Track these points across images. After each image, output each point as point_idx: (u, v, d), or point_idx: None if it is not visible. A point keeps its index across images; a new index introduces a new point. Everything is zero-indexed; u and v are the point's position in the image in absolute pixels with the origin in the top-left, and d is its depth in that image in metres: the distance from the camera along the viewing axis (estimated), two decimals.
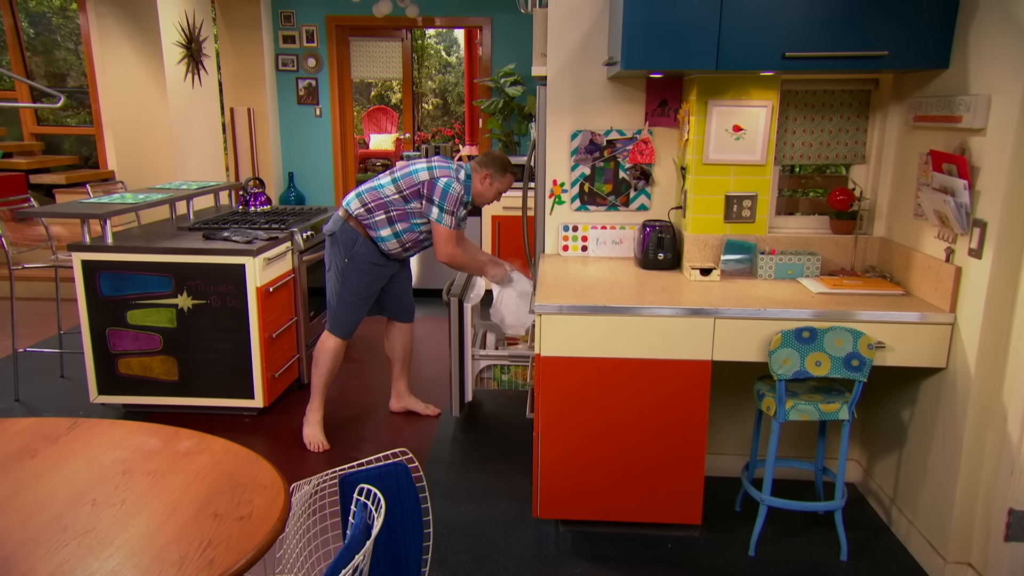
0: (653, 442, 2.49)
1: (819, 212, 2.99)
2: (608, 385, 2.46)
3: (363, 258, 3.27)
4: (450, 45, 12.34)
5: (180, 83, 5.79)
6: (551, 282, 2.69)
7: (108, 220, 3.50)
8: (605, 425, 2.49)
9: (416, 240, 3.29)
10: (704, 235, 2.87)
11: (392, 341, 3.61)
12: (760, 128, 2.76)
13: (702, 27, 2.40)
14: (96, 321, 3.49)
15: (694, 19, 2.40)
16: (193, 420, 3.62)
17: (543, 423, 2.50)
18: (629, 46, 2.44)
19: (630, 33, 2.43)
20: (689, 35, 2.41)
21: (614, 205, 3.21)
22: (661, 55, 2.44)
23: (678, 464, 2.49)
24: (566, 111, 3.13)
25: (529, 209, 3.55)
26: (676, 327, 2.39)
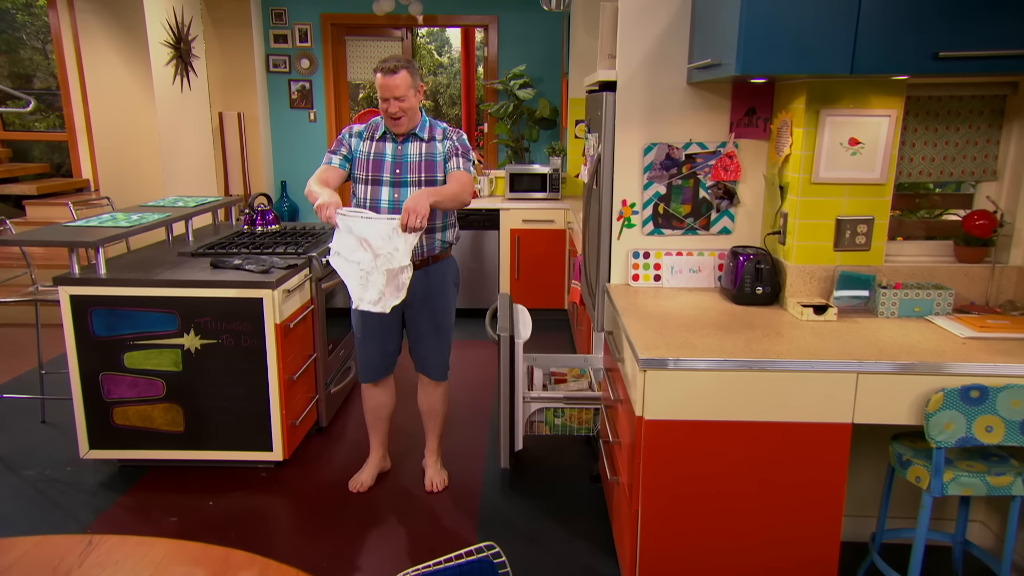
0: (777, 520, 2.09)
1: (933, 236, 2.61)
2: (726, 453, 2.05)
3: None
4: (442, 45, 11.89)
5: (168, 86, 5.30)
6: (638, 323, 2.28)
7: (101, 248, 3.02)
8: (721, 499, 2.08)
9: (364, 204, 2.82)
10: (810, 265, 2.49)
11: (418, 393, 3.15)
12: (881, 141, 2.38)
13: (835, 23, 2.01)
14: (87, 365, 3.02)
15: (826, 13, 2.00)
16: (201, 476, 3.16)
17: (646, 498, 2.09)
18: (746, 46, 2.04)
19: (748, 31, 2.03)
20: (818, 32, 2.02)
21: (692, 228, 2.81)
22: (783, 57, 2.05)
23: (807, 544, 2.10)
24: (638, 121, 2.73)
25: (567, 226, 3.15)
26: (809, 384, 1.99)
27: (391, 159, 2.78)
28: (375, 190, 2.79)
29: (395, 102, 2.68)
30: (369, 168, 2.79)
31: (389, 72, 2.67)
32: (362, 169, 2.80)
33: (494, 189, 5.96)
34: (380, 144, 2.81)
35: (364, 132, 2.85)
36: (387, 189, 2.78)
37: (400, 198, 2.76)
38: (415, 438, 3.50)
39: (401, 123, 2.74)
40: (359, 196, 2.84)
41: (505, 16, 7.07)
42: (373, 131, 2.83)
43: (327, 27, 7.11)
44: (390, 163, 2.78)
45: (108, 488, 3.08)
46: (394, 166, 2.78)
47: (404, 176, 2.77)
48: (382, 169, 2.78)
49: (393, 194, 2.77)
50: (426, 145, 2.80)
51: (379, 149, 2.80)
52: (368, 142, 2.82)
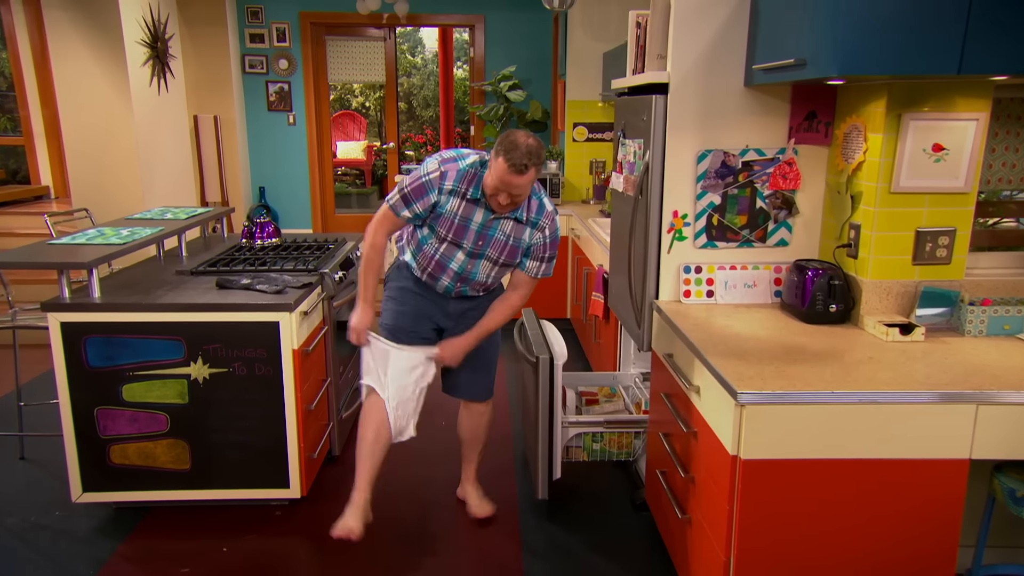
0: (883, 564, 1.88)
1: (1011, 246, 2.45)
2: (830, 494, 1.84)
3: (392, 280, 2.68)
4: (415, 46, 11.58)
5: (145, 88, 4.92)
6: (715, 348, 2.06)
7: (95, 270, 2.69)
8: (823, 544, 1.87)
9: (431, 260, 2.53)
10: (887, 281, 2.29)
11: (460, 417, 2.88)
12: (966, 147, 2.20)
13: (943, 18, 1.81)
14: (81, 399, 2.68)
15: (933, 7, 1.80)
16: (208, 517, 2.84)
17: (742, 544, 1.87)
18: (846, 45, 1.82)
19: (849, 28, 1.81)
20: (925, 29, 1.82)
21: (748, 241, 2.60)
22: (886, 56, 1.84)
23: None
24: (691, 126, 2.51)
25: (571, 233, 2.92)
26: (923, 416, 1.79)
27: (477, 228, 2.45)
28: (449, 250, 2.49)
29: (511, 196, 2.34)
30: (451, 230, 2.45)
31: (518, 171, 2.26)
32: (444, 228, 2.46)
33: None
34: (470, 206, 2.43)
35: (457, 187, 2.42)
36: (462, 255, 2.50)
37: (473, 269, 2.52)
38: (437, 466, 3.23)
39: (506, 211, 2.43)
40: (426, 250, 2.51)
41: (492, 16, 6.82)
42: (467, 187, 2.41)
43: (306, 26, 6.77)
44: (474, 231, 2.46)
45: (105, 535, 2.75)
46: (478, 236, 2.46)
47: (484, 250, 2.49)
48: (464, 235, 2.46)
49: (467, 264, 2.51)
50: (517, 227, 2.48)
51: (467, 212, 2.43)
52: (458, 200, 2.42)
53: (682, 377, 2.21)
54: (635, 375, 3.40)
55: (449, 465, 3.18)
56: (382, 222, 2.50)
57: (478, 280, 2.56)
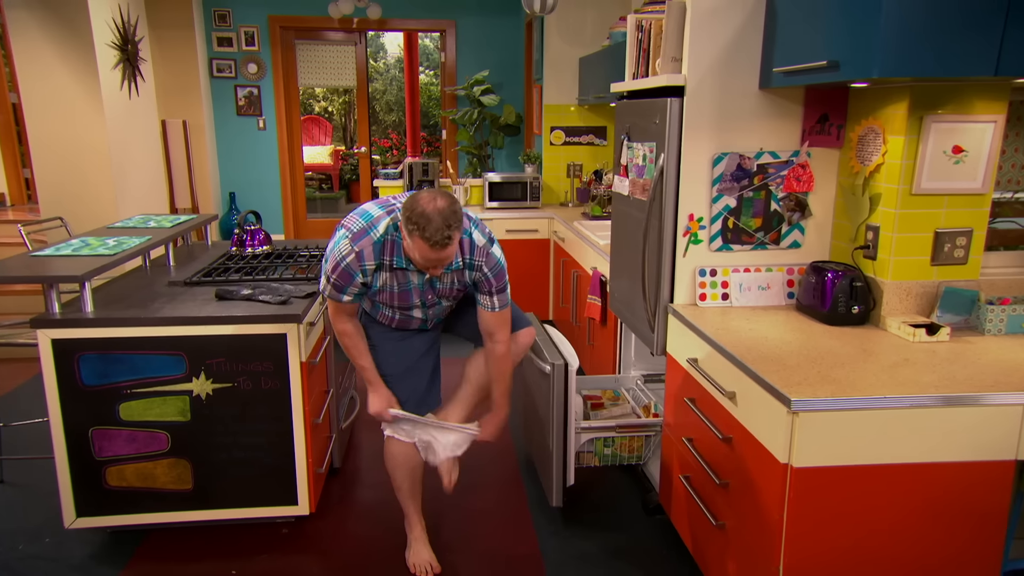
0: (930, 565, 1.83)
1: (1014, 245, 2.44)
2: (880, 499, 1.78)
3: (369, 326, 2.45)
4: (376, 51, 11.34)
5: (116, 92, 4.64)
6: (750, 354, 1.99)
7: (88, 284, 2.48)
8: (872, 549, 1.81)
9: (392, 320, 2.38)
10: (907, 282, 2.26)
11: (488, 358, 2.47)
12: (984, 149, 2.17)
13: (981, 18, 1.77)
14: (74, 419, 2.47)
15: (972, 7, 1.76)
16: (212, 538, 2.66)
17: (791, 554, 1.79)
18: (886, 46, 1.77)
19: (891, 29, 1.76)
20: (963, 29, 1.77)
21: (762, 243, 2.54)
22: (925, 57, 1.79)
23: None
24: (707, 129, 2.43)
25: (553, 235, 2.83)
26: (968, 418, 1.75)
27: (419, 286, 2.26)
28: (405, 314, 2.35)
29: (441, 265, 2.13)
30: (395, 300, 2.28)
31: (441, 247, 2.02)
32: (386, 299, 2.28)
33: (469, 199, 5.57)
34: (401, 273, 2.22)
35: (379, 262, 2.17)
36: (419, 310, 2.35)
37: (435, 315, 2.40)
38: None
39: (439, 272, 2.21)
40: (383, 313, 2.36)
41: (463, 21, 6.69)
42: (389, 258, 2.18)
43: (275, 30, 6.53)
44: (418, 290, 2.27)
45: (102, 562, 2.54)
46: (424, 292, 2.29)
47: (438, 299, 2.34)
48: (409, 298, 2.29)
49: (427, 311, 2.37)
50: (457, 272, 2.27)
51: (401, 279, 2.23)
52: (386, 272, 2.20)
53: (712, 382, 2.13)
54: (636, 377, 3.32)
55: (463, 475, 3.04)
56: (336, 312, 2.29)
57: (444, 310, 2.43)
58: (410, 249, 2.09)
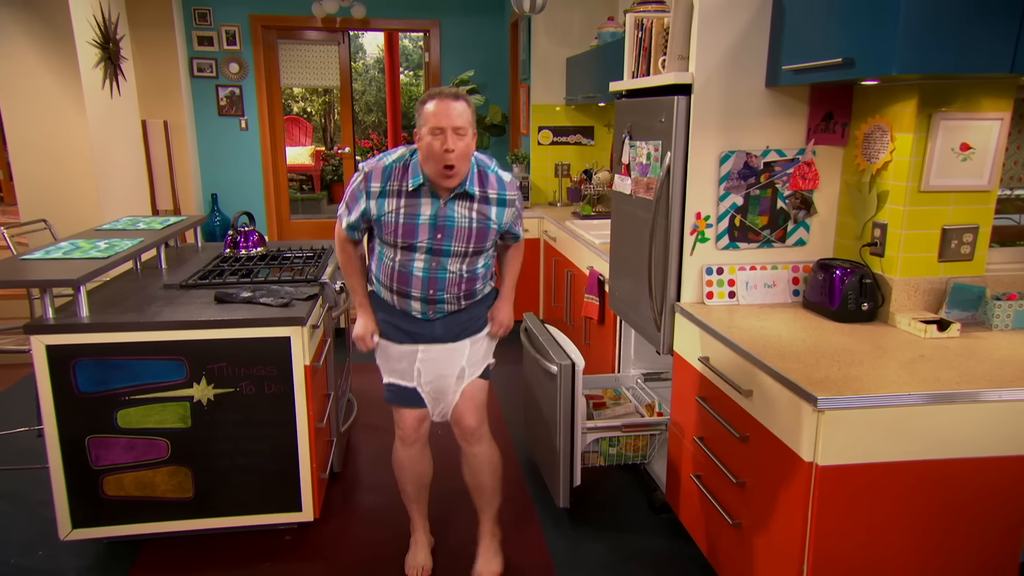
0: (952, 560, 1.82)
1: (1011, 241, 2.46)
2: (904, 496, 1.77)
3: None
4: (355, 52, 11.21)
5: (98, 91, 4.50)
6: (767, 352, 1.97)
7: (83, 288, 2.38)
8: (894, 545, 1.80)
9: (392, 274, 2.17)
10: (915, 278, 2.25)
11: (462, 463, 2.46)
12: (991, 146, 2.17)
13: (997, 14, 1.76)
14: (70, 428, 2.37)
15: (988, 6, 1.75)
16: (212, 547, 2.57)
17: (817, 552, 1.77)
18: (907, 43, 1.75)
19: (910, 26, 1.74)
20: (980, 25, 1.76)
21: (768, 241, 2.53)
22: (944, 54, 1.78)
23: None
24: (714, 128, 2.41)
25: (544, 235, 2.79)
26: (992, 414, 1.74)
27: (430, 221, 2.08)
28: (406, 256, 2.13)
29: (454, 136, 1.95)
30: (399, 233, 2.09)
31: (449, 97, 1.97)
32: (389, 232, 2.10)
33: None
34: (412, 200, 2.07)
35: (387, 186, 2.07)
36: (422, 257, 2.12)
37: (439, 267, 2.13)
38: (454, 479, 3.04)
39: (455, 175, 2.02)
40: (384, 255, 2.17)
41: (447, 21, 6.62)
42: (400, 182, 2.07)
43: (257, 29, 6.40)
44: (428, 226, 2.08)
45: (99, 574, 2.44)
46: (434, 230, 2.09)
47: (447, 244, 2.10)
48: (415, 234, 2.09)
49: (430, 262, 2.12)
50: (477, 206, 2.11)
51: (411, 208, 2.07)
52: (395, 199, 2.07)
53: (727, 381, 2.11)
54: (636, 376, 3.29)
55: None
56: (339, 236, 2.25)
57: (450, 280, 2.15)
58: (423, 136, 1.99)
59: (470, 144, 2.02)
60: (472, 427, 2.30)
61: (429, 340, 2.24)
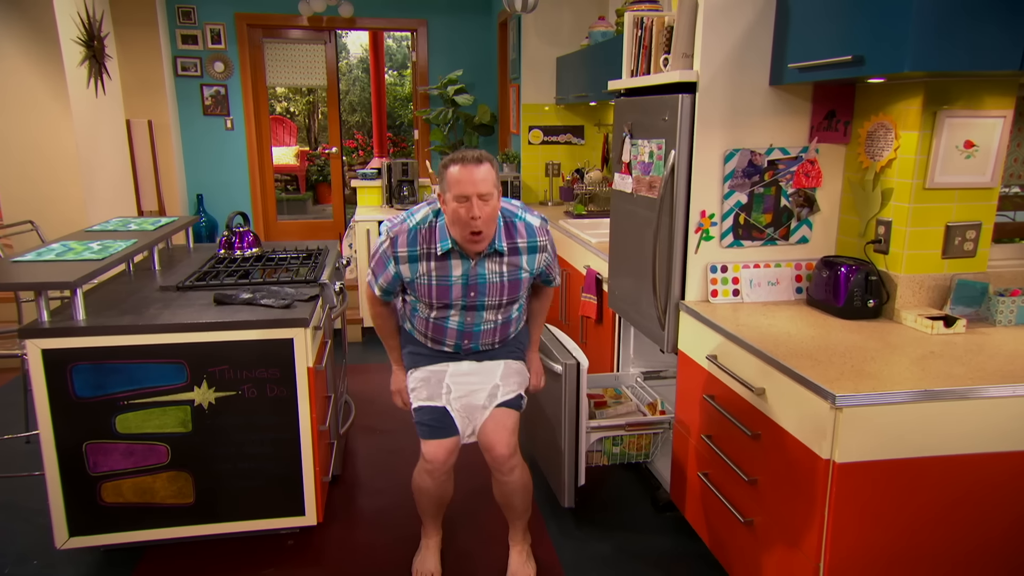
0: (964, 554, 1.82)
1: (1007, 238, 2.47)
2: (918, 492, 1.76)
3: (405, 348, 2.37)
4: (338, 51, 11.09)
5: (83, 90, 4.39)
6: (779, 350, 1.96)
7: (79, 290, 2.30)
8: (909, 540, 1.79)
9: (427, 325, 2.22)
10: (919, 275, 2.25)
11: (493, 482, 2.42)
12: (994, 143, 2.18)
13: (1006, 12, 1.76)
14: (67, 434, 2.30)
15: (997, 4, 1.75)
16: (213, 553, 2.51)
17: (834, 547, 1.76)
18: (920, 40, 1.75)
19: (923, 24, 1.74)
20: (991, 23, 1.76)
21: (772, 239, 2.52)
22: (957, 51, 1.78)
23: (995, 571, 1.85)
24: (718, 126, 2.40)
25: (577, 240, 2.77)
26: (1004, 409, 1.74)
27: (462, 280, 2.09)
28: (441, 313, 2.17)
29: (479, 203, 1.93)
30: (432, 295, 2.11)
31: (472, 162, 1.93)
32: (423, 294, 2.13)
33: None
34: (443, 263, 2.07)
35: (416, 251, 2.07)
36: (457, 313, 2.16)
37: (474, 322, 2.18)
38: None
39: (482, 240, 2.01)
40: (420, 317, 2.21)
41: (434, 21, 6.57)
42: (428, 245, 2.06)
43: (242, 28, 6.31)
44: (461, 286, 2.10)
45: None
46: (466, 289, 2.11)
47: (480, 300, 2.13)
48: (449, 295, 2.11)
49: (465, 317, 2.17)
50: (507, 259, 2.11)
51: (442, 270, 2.08)
52: (425, 262, 2.07)
53: (738, 379, 2.09)
54: (636, 375, 3.28)
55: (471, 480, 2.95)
56: (371, 298, 2.25)
57: (484, 331, 2.22)
58: (448, 202, 1.97)
59: (496, 206, 2.01)
60: (504, 456, 2.24)
61: (461, 360, 2.28)
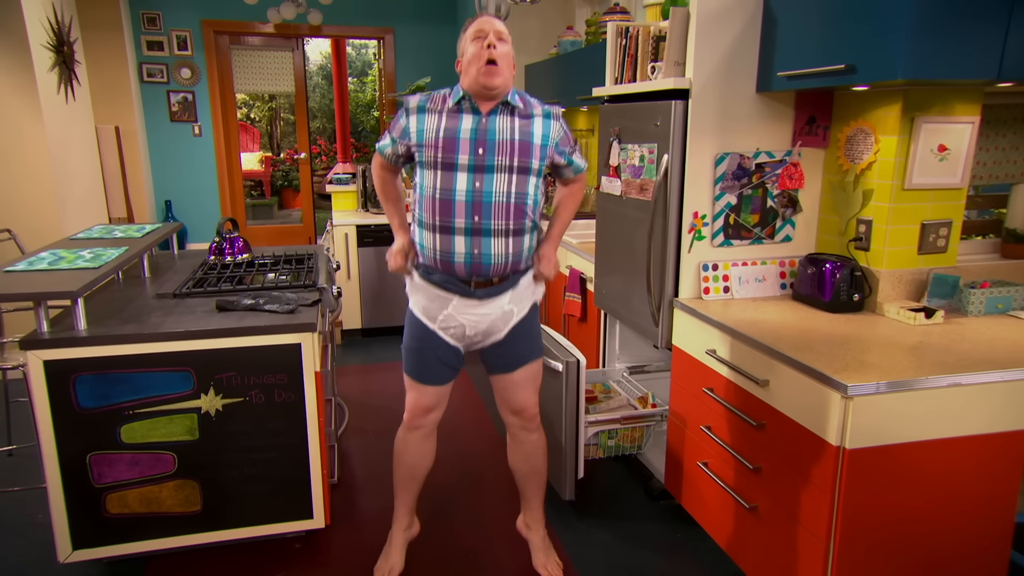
0: (956, 531, 1.89)
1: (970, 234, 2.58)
2: (918, 474, 1.82)
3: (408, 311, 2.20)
4: None
5: (53, 95, 4.18)
6: (782, 343, 1.99)
7: (80, 301, 2.18)
8: (912, 519, 1.84)
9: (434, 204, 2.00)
10: (898, 270, 2.32)
11: (510, 450, 2.38)
12: (964, 147, 2.26)
13: (988, 26, 1.83)
14: (70, 445, 2.18)
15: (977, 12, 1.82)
16: (219, 561, 2.42)
17: (844, 529, 1.79)
18: (913, 51, 1.80)
19: (916, 35, 1.79)
20: (974, 36, 1.83)
21: (759, 238, 2.56)
22: (943, 62, 1.83)
23: (977, 560, 1.92)
24: (710, 131, 2.42)
25: None
26: (994, 393, 1.80)
27: (471, 135, 1.94)
28: (446, 178, 1.95)
29: (496, 39, 1.92)
30: (439, 148, 1.94)
31: (491, 15, 2.01)
32: (430, 149, 1.96)
33: None
34: (453, 117, 1.96)
35: (426, 104, 1.99)
36: (464, 176, 1.94)
37: (483, 187, 1.94)
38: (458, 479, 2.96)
39: (497, 73, 1.90)
40: (426, 186, 1.99)
41: (401, 28, 6.48)
42: (441, 103, 1.99)
43: (209, 35, 6.10)
44: (469, 140, 1.93)
45: None
46: (475, 145, 1.93)
47: (489, 159, 1.94)
48: (455, 149, 1.93)
49: (473, 182, 1.94)
50: (520, 121, 1.99)
51: (451, 123, 1.95)
52: (435, 115, 1.97)
53: (741, 372, 2.12)
54: (621, 370, 3.29)
55: (467, 481, 2.92)
56: (377, 160, 2.19)
57: (496, 207, 1.97)
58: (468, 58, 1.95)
59: (511, 55, 1.97)
60: (533, 414, 2.21)
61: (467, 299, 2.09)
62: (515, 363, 2.18)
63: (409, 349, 2.17)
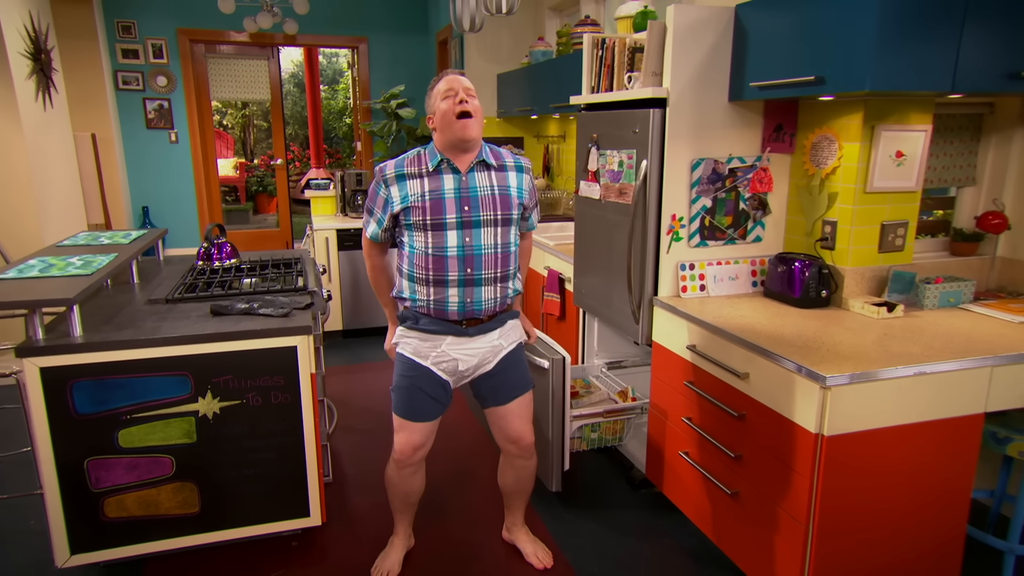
0: (921, 511, 1.97)
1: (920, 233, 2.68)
2: (889, 458, 1.89)
3: (400, 351, 2.18)
4: None
5: (32, 103, 4.05)
6: (761, 339, 2.05)
7: (75, 308, 2.13)
8: (883, 497, 1.91)
9: (427, 263, 2.03)
10: (861, 267, 2.41)
11: (500, 467, 2.41)
12: (918, 153, 2.35)
13: (942, 43, 1.91)
14: (67, 451, 2.13)
15: (934, 31, 1.90)
16: (216, 560, 2.38)
17: (823, 516, 1.86)
18: (879, 64, 1.87)
19: (882, 49, 1.86)
20: (931, 51, 1.91)
21: (732, 239, 2.62)
22: (907, 74, 1.91)
23: (942, 523, 2.00)
24: (686, 138, 2.48)
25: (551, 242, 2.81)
26: (952, 381, 1.89)
27: (455, 194, 1.99)
28: (437, 236, 1.99)
29: (466, 95, 1.95)
30: (427, 211, 1.98)
31: (456, 72, 2.03)
32: (418, 214, 1.98)
33: None
34: (435, 179, 1.99)
35: (405, 169, 2.00)
36: (454, 234, 1.99)
37: (472, 241, 2.00)
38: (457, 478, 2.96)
39: (470, 126, 1.95)
40: (416, 245, 2.02)
41: (375, 38, 6.45)
42: (419, 164, 2.01)
43: (185, 43, 5.98)
44: (454, 200, 1.98)
45: None
46: (460, 203, 1.98)
47: (475, 214, 1.99)
48: (443, 210, 1.97)
49: (463, 238, 2.00)
50: (496, 175, 2.05)
51: (434, 185, 1.98)
52: (417, 180, 1.99)
53: (721, 365, 2.17)
54: (600, 365, 3.33)
55: (452, 474, 2.92)
56: (368, 248, 2.18)
57: (486, 259, 2.03)
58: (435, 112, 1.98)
59: (480, 110, 2.00)
60: (529, 443, 2.24)
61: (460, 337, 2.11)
62: (509, 394, 2.19)
63: (400, 388, 2.13)
